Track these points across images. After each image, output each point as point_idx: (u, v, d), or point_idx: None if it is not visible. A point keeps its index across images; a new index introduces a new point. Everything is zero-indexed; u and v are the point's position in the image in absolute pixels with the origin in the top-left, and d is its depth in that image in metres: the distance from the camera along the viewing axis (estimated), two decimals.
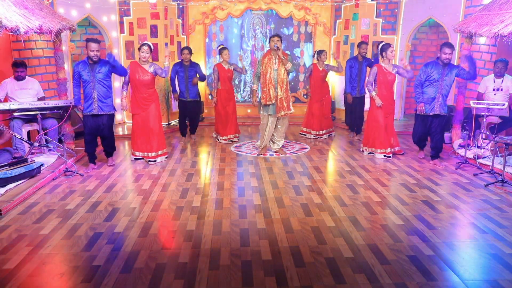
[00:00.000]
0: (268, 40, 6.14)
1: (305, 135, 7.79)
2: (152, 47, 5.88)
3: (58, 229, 3.83)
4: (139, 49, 5.86)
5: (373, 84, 6.21)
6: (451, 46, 5.55)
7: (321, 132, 7.66)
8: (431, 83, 5.66)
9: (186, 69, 7.12)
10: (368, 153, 6.41)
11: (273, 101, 6.12)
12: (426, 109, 5.74)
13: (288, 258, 3.31)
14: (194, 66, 7.20)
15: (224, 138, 7.32)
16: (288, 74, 6.18)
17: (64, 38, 6.87)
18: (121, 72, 5.62)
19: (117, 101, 8.32)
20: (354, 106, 7.57)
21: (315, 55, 7.45)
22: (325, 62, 7.45)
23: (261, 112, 6.35)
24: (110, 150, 5.90)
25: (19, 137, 5.32)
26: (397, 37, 8.82)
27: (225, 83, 7.16)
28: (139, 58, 5.84)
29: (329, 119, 7.77)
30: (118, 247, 3.48)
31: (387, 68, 6.15)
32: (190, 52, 7.16)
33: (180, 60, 7.27)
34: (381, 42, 6.41)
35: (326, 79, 7.64)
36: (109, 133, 5.74)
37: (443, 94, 5.64)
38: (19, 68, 5.88)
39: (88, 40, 5.37)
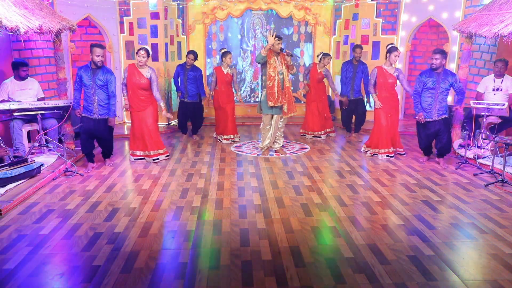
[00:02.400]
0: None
1: (304, 135, 7.80)
2: (150, 52, 5.89)
3: (58, 229, 3.83)
4: (136, 53, 5.87)
5: (374, 87, 6.23)
6: (440, 52, 5.54)
7: (320, 132, 7.65)
8: (427, 91, 5.66)
9: (186, 72, 7.22)
10: (373, 155, 6.39)
11: (280, 103, 6.10)
12: (425, 116, 5.74)
13: (288, 258, 3.31)
14: (195, 70, 7.28)
15: (225, 137, 7.33)
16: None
17: (64, 38, 6.87)
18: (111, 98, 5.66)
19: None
20: (353, 107, 7.63)
21: (320, 56, 7.44)
22: (326, 67, 7.46)
23: (264, 112, 6.31)
24: (107, 152, 5.90)
25: (10, 157, 5.17)
26: (397, 37, 8.82)
27: (223, 86, 7.17)
28: (137, 62, 5.84)
29: (329, 119, 7.78)
30: (118, 247, 3.48)
31: (388, 71, 6.14)
32: (195, 58, 7.25)
33: (183, 62, 7.37)
34: (390, 44, 6.41)
35: (324, 80, 7.64)
36: (108, 135, 5.75)
37: (439, 101, 5.63)
38: (24, 68, 5.89)
39: (93, 46, 5.37)
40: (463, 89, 5.74)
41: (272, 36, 5.89)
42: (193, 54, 7.24)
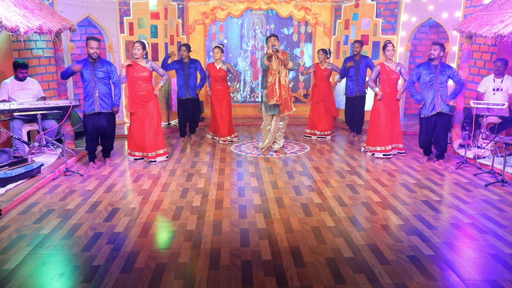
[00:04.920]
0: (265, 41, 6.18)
1: (310, 137, 7.71)
2: (146, 45, 5.90)
3: (58, 229, 3.83)
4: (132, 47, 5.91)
5: (376, 82, 6.24)
6: (438, 44, 5.57)
7: (326, 132, 7.64)
8: (427, 84, 5.66)
9: (186, 66, 7.06)
10: (372, 155, 6.38)
11: (279, 102, 6.10)
12: (428, 111, 5.72)
13: (288, 258, 3.31)
14: (193, 62, 7.14)
15: (222, 139, 7.30)
16: (289, 72, 6.19)
17: (64, 38, 6.87)
18: (115, 89, 5.75)
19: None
20: (354, 105, 7.58)
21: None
22: (327, 61, 7.43)
23: (264, 112, 6.32)
24: (108, 149, 5.91)
25: (16, 138, 5.31)
26: (397, 37, 8.82)
27: (216, 82, 7.10)
28: (134, 56, 5.86)
29: (332, 120, 7.76)
30: (118, 247, 3.48)
31: (390, 67, 6.15)
32: (188, 50, 7.11)
33: (179, 58, 7.27)
34: (386, 41, 6.41)
35: (330, 80, 7.63)
36: (111, 132, 5.78)
37: (441, 94, 5.63)
38: (24, 70, 5.89)
39: (88, 38, 5.42)
40: (463, 81, 5.71)
41: (271, 47, 5.88)
42: (186, 46, 7.11)
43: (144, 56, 5.94)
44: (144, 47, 5.82)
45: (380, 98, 6.18)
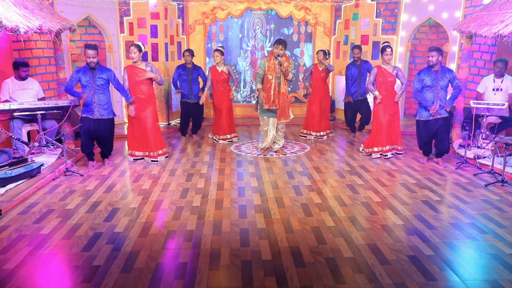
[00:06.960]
0: (270, 43, 6.18)
1: (306, 136, 7.74)
2: (142, 47, 5.87)
3: (58, 229, 3.83)
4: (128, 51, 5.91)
5: (374, 84, 6.24)
6: (435, 49, 5.58)
7: (321, 133, 7.64)
8: (426, 89, 5.67)
9: (190, 72, 7.17)
10: (369, 154, 6.38)
11: (276, 107, 6.10)
12: (426, 114, 5.73)
13: (288, 258, 3.31)
14: (197, 69, 7.25)
15: (221, 137, 7.31)
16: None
17: (64, 38, 6.87)
18: (121, 91, 5.74)
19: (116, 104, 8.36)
20: (357, 108, 7.62)
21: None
22: (325, 62, 7.43)
23: (261, 114, 6.33)
24: (107, 152, 5.91)
25: (15, 138, 5.31)
26: (397, 37, 8.82)
27: (217, 85, 7.12)
28: (132, 60, 5.85)
29: (328, 120, 7.77)
30: (118, 247, 3.48)
31: (387, 69, 6.15)
32: (192, 55, 7.19)
33: (182, 63, 7.32)
34: (385, 42, 6.40)
35: (327, 81, 7.63)
36: (109, 136, 5.77)
37: (440, 98, 5.64)
38: (26, 68, 5.90)
39: (85, 47, 5.37)
40: (461, 86, 5.71)
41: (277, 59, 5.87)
42: (189, 51, 7.17)
43: (141, 59, 5.91)
44: (140, 49, 5.80)
45: (379, 101, 6.18)
